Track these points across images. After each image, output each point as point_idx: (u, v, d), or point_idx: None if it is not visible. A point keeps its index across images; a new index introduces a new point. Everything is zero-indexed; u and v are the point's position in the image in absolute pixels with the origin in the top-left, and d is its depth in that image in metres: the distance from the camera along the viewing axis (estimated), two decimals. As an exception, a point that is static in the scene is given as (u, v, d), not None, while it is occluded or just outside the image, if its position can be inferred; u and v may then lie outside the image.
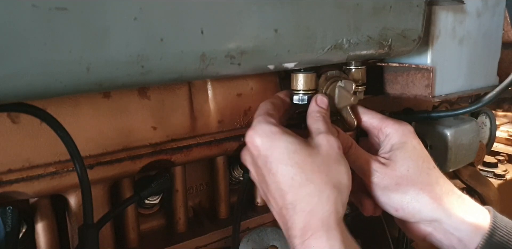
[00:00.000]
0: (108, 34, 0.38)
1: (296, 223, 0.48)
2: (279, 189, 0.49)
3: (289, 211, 0.49)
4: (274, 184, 0.50)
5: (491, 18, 0.79)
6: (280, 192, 0.49)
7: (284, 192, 0.49)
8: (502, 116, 1.61)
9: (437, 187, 0.57)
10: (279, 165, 0.50)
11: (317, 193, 0.48)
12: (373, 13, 0.58)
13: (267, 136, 0.51)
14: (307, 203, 0.48)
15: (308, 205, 0.48)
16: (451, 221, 0.55)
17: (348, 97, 0.61)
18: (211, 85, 0.68)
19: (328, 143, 0.52)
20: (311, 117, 0.57)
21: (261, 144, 0.51)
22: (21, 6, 0.34)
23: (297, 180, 0.49)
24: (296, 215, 0.48)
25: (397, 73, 0.74)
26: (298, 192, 0.48)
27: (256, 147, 0.51)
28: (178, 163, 0.66)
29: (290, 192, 0.49)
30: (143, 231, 0.71)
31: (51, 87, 0.37)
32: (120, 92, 0.60)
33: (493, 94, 0.74)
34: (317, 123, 0.55)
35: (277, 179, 0.50)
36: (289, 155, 0.50)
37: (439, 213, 0.55)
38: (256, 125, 0.53)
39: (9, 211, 0.53)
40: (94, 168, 0.57)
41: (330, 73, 0.63)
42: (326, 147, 0.52)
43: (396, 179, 0.56)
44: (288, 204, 0.49)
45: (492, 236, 0.53)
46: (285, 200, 0.49)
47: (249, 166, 0.55)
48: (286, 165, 0.49)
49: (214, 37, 0.45)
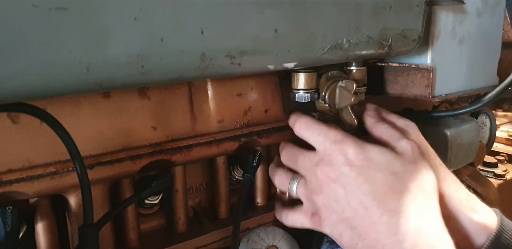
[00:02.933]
0: (108, 34, 0.38)
1: (401, 228, 0.47)
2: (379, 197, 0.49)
3: (393, 218, 0.48)
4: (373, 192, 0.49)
5: (491, 18, 0.79)
6: (380, 199, 0.49)
7: (384, 198, 0.49)
8: (502, 116, 1.61)
9: (445, 184, 0.56)
10: (377, 174, 0.50)
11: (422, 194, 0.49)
12: (373, 13, 0.58)
13: (360, 148, 0.51)
14: (414, 206, 0.48)
15: (416, 209, 0.48)
16: (459, 219, 0.54)
17: (349, 97, 0.61)
18: (211, 85, 0.68)
19: (411, 148, 0.53)
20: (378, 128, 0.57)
21: (355, 156, 0.50)
22: (21, 6, 0.34)
23: (397, 188, 0.49)
24: (404, 218, 0.48)
25: (397, 73, 0.74)
26: (399, 198, 0.49)
27: (349, 159, 0.50)
28: (178, 163, 0.66)
29: (393, 198, 0.49)
30: (143, 231, 0.71)
31: (51, 87, 0.37)
32: (120, 92, 0.60)
33: (493, 94, 0.74)
34: (388, 130, 0.56)
35: (377, 187, 0.49)
36: (385, 165, 0.50)
37: (447, 211, 0.54)
38: (344, 138, 0.52)
39: (9, 211, 0.53)
40: (94, 168, 0.57)
41: (331, 73, 0.63)
42: (411, 152, 0.53)
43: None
44: (391, 210, 0.48)
45: (499, 237, 0.53)
46: (386, 206, 0.48)
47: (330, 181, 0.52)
48: (383, 174, 0.49)
49: (214, 37, 0.45)
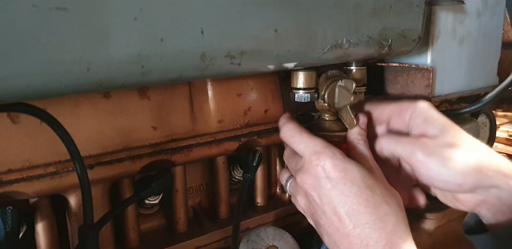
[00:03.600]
0: (108, 34, 0.38)
1: (376, 241, 0.49)
2: (352, 210, 0.51)
3: (365, 230, 0.50)
4: (347, 204, 0.51)
5: (491, 18, 0.79)
6: (354, 212, 0.51)
7: (359, 212, 0.51)
8: (502, 116, 1.61)
9: (493, 154, 0.55)
10: (353, 186, 0.51)
11: (394, 213, 0.51)
12: (373, 13, 0.58)
13: (338, 159, 0.52)
14: (386, 222, 0.50)
15: (388, 225, 0.50)
16: (509, 186, 0.53)
17: (348, 96, 0.61)
18: (211, 85, 0.68)
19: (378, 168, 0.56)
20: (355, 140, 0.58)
21: (332, 167, 0.52)
22: (21, 6, 0.34)
23: (372, 201, 0.51)
24: (376, 234, 0.50)
25: (397, 73, 0.74)
26: (374, 212, 0.50)
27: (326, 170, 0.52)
28: (178, 163, 0.66)
29: (367, 212, 0.50)
30: (143, 231, 0.71)
31: (51, 87, 0.37)
32: (120, 92, 0.60)
33: (493, 94, 0.74)
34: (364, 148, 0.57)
35: (351, 199, 0.51)
36: (361, 178, 0.51)
37: (501, 179, 0.53)
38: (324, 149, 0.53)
39: (9, 211, 0.53)
40: (94, 168, 0.57)
41: (330, 73, 0.62)
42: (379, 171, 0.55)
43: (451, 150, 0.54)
44: (364, 223, 0.50)
45: None
46: (359, 220, 0.50)
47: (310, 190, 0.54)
48: (359, 187, 0.51)
49: (214, 37, 0.45)
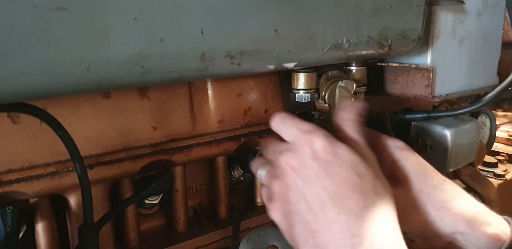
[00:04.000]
0: (108, 34, 0.38)
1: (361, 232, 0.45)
2: (338, 193, 0.47)
3: (351, 218, 0.45)
4: (333, 187, 0.47)
5: (491, 18, 0.79)
6: (340, 196, 0.46)
7: (346, 197, 0.46)
8: (502, 116, 1.61)
9: (455, 201, 0.55)
10: (341, 171, 0.47)
11: (382, 204, 0.47)
12: (373, 13, 0.58)
13: (329, 141, 0.49)
14: (373, 212, 0.46)
15: (375, 215, 0.46)
16: (474, 233, 0.53)
17: (349, 97, 0.61)
18: (211, 85, 0.68)
19: (372, 154, 0.52)
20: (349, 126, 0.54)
21: (322, 148, 0.48)
22: (21, 6, 0.34)
23: (360, 189, 0.47)
24: (361, 223, 0.45)
25: (397, 73, 0.74)
26: (362, 199, 0.47)
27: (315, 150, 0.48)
28: (178, 163, 0.66)
29: (354, 198, 0.46)
30: (143, 231, 0.71)
31: (51, 87, 0.37)
32: (120, 92, 0.60)
33: (493, 94, 0.74)
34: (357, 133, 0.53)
35: (337, 183, 0.47)
36: (351, 164, 0.48)
37: (463, 227, 0.54)
38: (314, 130, 0.49)
39: (9, 211, 0.53)
40: (94, 168, 0.57)
41: (331, 73, 0.63)
42: (372, 157, 0.51)
43: (412, 202, 0.54)
44: (350, 210, 0.46)
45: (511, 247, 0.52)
46: (345, 205, 0.46)
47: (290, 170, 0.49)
48: (348, 173, 0.47)
49: (214, 37, 0.45)
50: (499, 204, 1.07)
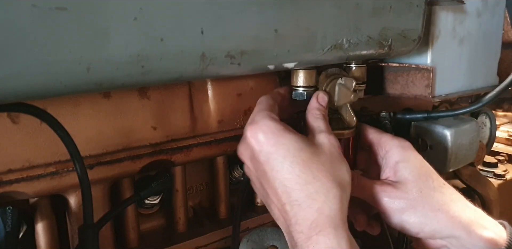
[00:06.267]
0: (108, 34, 0.38)
1: (302, 219, 0.48)
2: (283, 186, 0.49)
3: (294, 208, 0.48)
4: (277, 180, 0.50)
5: (491, 18, 0.79)
6: (285, 188, 0.49)
7: (289, 188, 0.49)
8: (502, 116, 1.61)
9: (453, 204, 0.55)
10: (285, 162, 0.49)
11: (324, 190, 0.49)
12: (373, 13, 0.58)
13: (272, 132, 0.51)
14: (314, 200, 0.48)
15: (316, 203, 0.48)
16: (470, 237, 0.54)
17: (348, 94, 0.61)
18: (211, 85, 0.68)
19: (329, 142, 0.53)
20: (311, 115, 0.56)
21: (265, 140, 0.50)
22: (21, 6, 0.34)
23: (303, 177, 0.49)
24: (303, 211, 0.48)
25: (397, 73, 0.74)
26: (304, 189, 0.48)
27: (259, 142, 0.51)
28: (178, 163, 0.66)
29: (296, 189, 0.48)
30: (143, 231, 0.71)
31: (51, 87, 0.37)
32: (120, 92, 0.60)
33: (493, 94, 0.74)
34: (318, 121, 0.55)
35: (281, 175, 0.49)
36: (294, 153, 0.50)
37: (459, 231, 0.54)
38: (260, 120, 0.52)
39: (9, 211, 0.53)
40: (94, 168, 0.57)
41: (330, 71, 0.62)
42: (328, 146, 0.52)
43: (411, 202, 0.55)
44: (293, 200, 0.48)
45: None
46: (290, 197, 0.49)
47: (247, 160, 0.54)
48: (292, 162, 0.49)
49: (214, 37, 0.45)
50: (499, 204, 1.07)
